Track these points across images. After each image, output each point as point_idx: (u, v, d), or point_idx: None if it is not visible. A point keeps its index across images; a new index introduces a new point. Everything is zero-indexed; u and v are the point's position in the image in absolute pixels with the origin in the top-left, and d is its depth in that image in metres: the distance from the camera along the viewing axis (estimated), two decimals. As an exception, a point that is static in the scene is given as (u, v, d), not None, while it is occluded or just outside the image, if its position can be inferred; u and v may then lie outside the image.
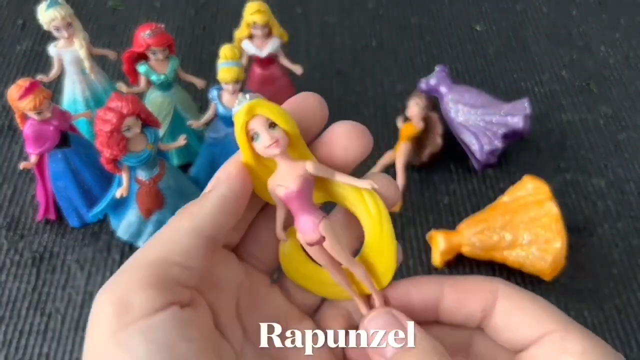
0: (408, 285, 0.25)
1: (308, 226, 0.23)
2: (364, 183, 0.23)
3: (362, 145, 0.24)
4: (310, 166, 0.23)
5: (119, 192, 0.53)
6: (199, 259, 0.22)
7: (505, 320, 0.23)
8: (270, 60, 0.64)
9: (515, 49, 0.81)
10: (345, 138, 0.23)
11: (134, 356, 0.19)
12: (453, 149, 0.66)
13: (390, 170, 0.65)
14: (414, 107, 0.64)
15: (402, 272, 0.57)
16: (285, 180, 0.23)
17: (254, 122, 0.23)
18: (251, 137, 0.23)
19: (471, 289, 0.24)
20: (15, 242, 0.60)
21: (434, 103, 0.66)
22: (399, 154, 0.64)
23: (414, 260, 0.59)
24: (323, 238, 0.23)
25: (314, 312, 0.26)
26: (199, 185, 0.61)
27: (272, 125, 0.23)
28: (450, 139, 0.66)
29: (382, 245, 0.24)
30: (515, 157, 0.68)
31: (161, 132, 0.57)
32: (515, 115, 0.63)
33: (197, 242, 0.22)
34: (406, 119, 0.66)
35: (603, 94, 0.75)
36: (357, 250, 0.26)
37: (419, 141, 0.65)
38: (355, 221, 0.25)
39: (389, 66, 0.78)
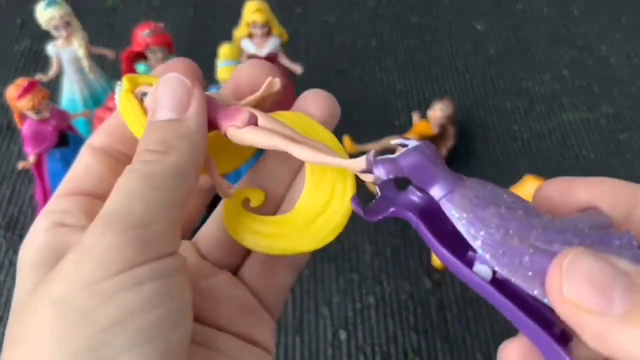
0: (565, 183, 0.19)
1: (233, 111, 0.21)
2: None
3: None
4: None
5: (117, 192, 0.53)
6: None
7: None
8: (270, 59, 0.64)
9: (515, 49, 0.80)
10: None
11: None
12: (454, 150, 0.66)
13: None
14: (438, 112, 0.63)
15: (402, 272, 0.56)
16: None
17: (137, 89, 0.23)
18: (140, 100, 0.23)
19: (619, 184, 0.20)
20: (14, 242, 0.60)
21: (456, 118, 0.65)
22: None
23: (414, 261, 0.58)
24: (254, 116, 0.21)
25: (234, 271, 0.24)
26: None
27: None
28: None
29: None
30: (515, 157, 0.67)
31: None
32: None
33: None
34: (423, 117, 0.65)
35: (604, 94, 0.74)
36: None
37: None
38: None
39: (389, 66, 0.78)
